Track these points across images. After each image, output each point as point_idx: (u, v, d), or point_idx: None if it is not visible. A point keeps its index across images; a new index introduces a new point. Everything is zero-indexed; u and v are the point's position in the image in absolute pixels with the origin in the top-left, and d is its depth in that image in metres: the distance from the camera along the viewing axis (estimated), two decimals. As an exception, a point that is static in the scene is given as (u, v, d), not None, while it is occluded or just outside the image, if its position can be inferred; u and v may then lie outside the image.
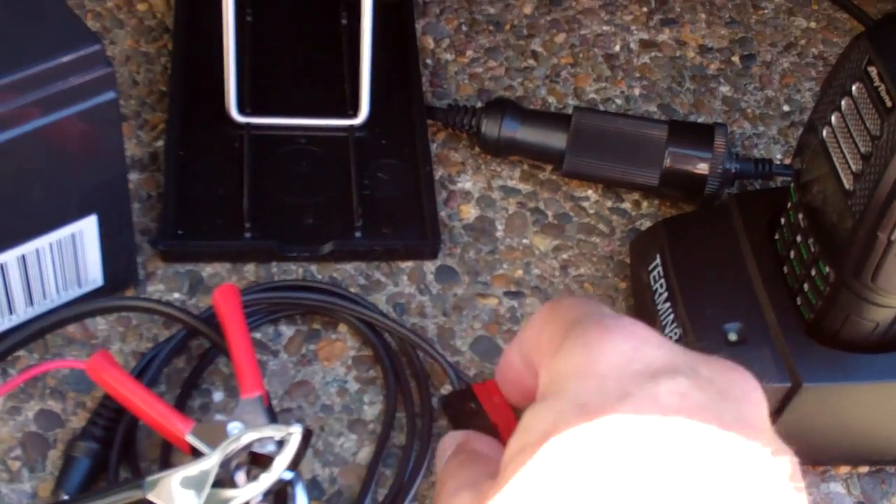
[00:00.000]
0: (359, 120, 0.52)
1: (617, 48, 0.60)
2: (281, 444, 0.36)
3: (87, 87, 0.38)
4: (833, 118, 0.38)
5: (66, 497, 0.38)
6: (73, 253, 0.42)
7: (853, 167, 0.37)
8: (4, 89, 0.36)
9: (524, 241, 0.50)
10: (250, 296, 0.44)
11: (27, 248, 0.40)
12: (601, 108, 0.56)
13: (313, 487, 0.41)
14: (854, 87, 0.37)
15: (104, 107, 0.39)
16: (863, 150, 0.37)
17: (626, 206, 0.52)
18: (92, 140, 0.40)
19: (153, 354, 0.43)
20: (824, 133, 0.39)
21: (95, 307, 0.43)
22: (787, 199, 0.43)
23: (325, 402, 0.44)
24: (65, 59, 0.38)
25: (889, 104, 0.35)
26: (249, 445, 0.36)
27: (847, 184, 0.37)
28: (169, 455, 0.40)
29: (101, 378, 0.39)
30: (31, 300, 0.42)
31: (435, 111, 0.54)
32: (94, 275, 0.44)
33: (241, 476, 0.36)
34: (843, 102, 0.38)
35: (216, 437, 0.37)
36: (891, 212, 0.35)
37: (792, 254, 0.42)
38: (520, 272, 0.49)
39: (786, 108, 0.58)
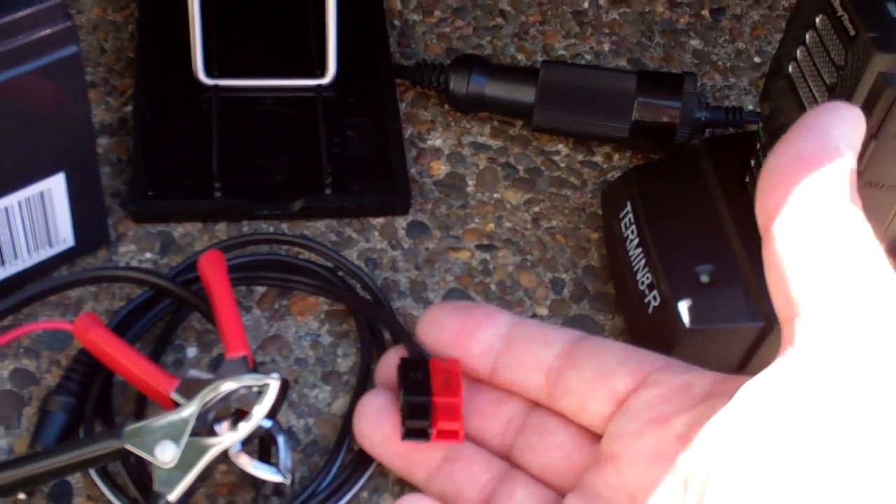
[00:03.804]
0: (326, 80, 0.52)
1: (586, 5, 0.60)
2: (259, 395, 0.36)
3: (48, 41, 0.38)
4: (798, 53, 0.39)
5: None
6: (42, 212, 0.42)
7: (819, 99, 0.37)
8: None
9: (495, 195, 0.50)
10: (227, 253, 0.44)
11: (-6, 206, 0.40)
12: (570, 63, 0.56)
13: (289, 438, 0.41)
14: (818, 20, 0.37)
15: (66, 61, 0.39)
16: (828, 81, 0.37)
17: (598, 158, 0.53)
18: (55, 96, 0.40)
19: (127, 312, 0.42)
20: (790, 69, 0.39)
21: (80, 278, 0.43)
22: (757, 142, 0.43)
23: (298, 356, 0.43)
24: (23, 12, 0.37)
25: (852, 33, 0.35)
26: (228, 396, 0.36)
27: (813, 117, 0.38)
28: (144, 410, 0.40)
29: (87, 338, 0.39)
30: (1, 260, 0.42)
31: (403, 70, 0.54)
32: (64, 234, 0.43)
33: (220, 428, 0.36)
34: (807, 36, 0.38)
35: (198, 392, 0.36)
36: (856, 142, 0.36)
37: (761, 194, 0.42)
38: (491, 226, 0.49)
39: (756, 59, 0.58)
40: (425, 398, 0.36)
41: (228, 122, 0.50)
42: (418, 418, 0.36)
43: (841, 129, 0.30)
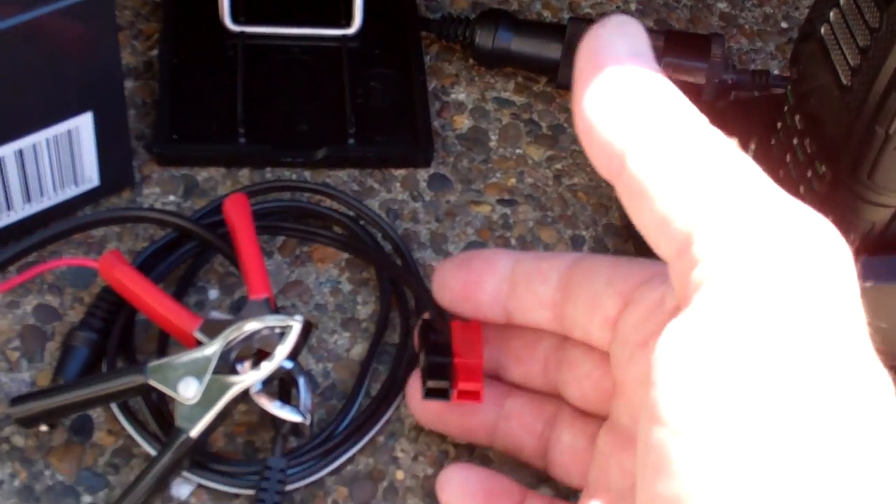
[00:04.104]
0: (352, 30, 0.52)
1: (612, -35, 0.60)
2: (282, 336, 0.37)
3: (81, -21, 0.38)
4: (832, 14, 0.38)
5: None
6: (69, 150, 0.42)
7: (851, 62, 0.37)
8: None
9: (517, 150, 0.51)
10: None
11: (24, 143, 0.40)
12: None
13: (309, 380, 0.41)
14: (852, -19, 0.37)
15: (97, 1, 0.39)
16: (861, 44, 0.37)
17: (621, 118, 0.52)
18: (85, 36, 0.40)
19: (151, 252, 0.43)
20: (822, 30, 0.39)
21: (104, 217, 0.43)
22: (785, 104, 0.43)
23: (318, 301, 0.44)
24: (56, -50, 0.37)
25: (887, -6, 0.35)
26: (251, 337, 0.37)
27: (845, 79, 0.38)
28: (166, 348, 0.41)
29: (112, 276, 0.39)
30: (28, 197, 0.42)
31: (428, 23, 0.54)
32: (90, 174, 0.44)
33: (243, 367, 0.37)
34: (840, -2, 0.38)
35: (221, 332, 0.37)
36: (889, 104, 0.35)
37: (788, 157, 0.42)
38: (513, 181, 0.49)
39: (784, 24, 0.58)
40: (446, 359, 0.37)
41: (254, 69, 0.50)
42: (439, 378, 0.37)
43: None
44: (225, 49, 0.51)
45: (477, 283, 0.37)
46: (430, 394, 0.37)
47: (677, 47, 0.50)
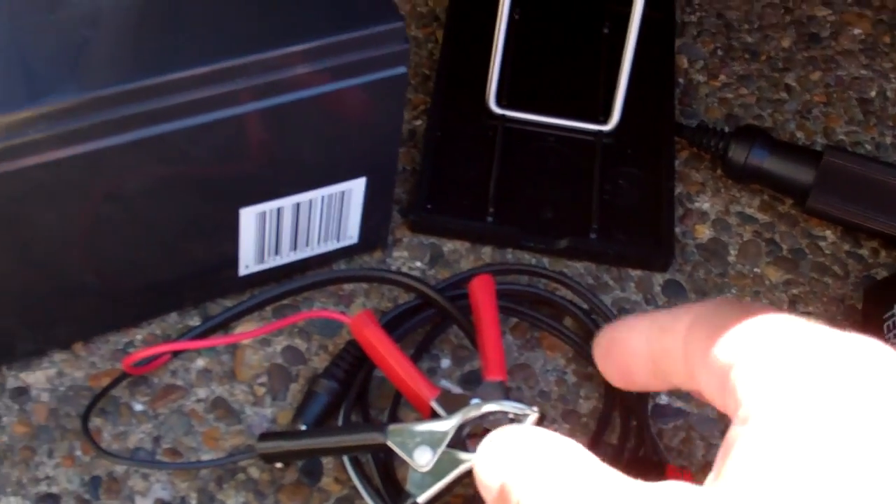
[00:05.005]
0: (608, 126, 0.54)
1: (873, 93, 0.59)
2: (512, 422, 0.38)
3: (381, 60, 0.41)
4: None
5: (303, 427, 0.41)
6: (339, 209, 0.45)
7: None
8: (299, 55, 0.39)
9: (755, 269, 0.51)
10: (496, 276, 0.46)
11: (302, 197, 0.44)
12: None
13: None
14: None
15: (393, 80, 0.42)
16: None
17: (864, 252, 0.52)
18: (375, 110, 0.43)
19: (395, 314, 0.45)
20: None
21: (359, 274, 0.46)
22: None
23: (543, 389, 0.45)
24: (365, 31, 0.40)
25: None
26: (484, 416, 0.39)
27: None
28: (398, 409, 0.43)
29: (362, 334, 0.42)
30: (295, 245, 0.46)
31: (682, 129, 0.55)
32: (351, 231, 0.47)
33: (471, 443, 0.38)
34: None
35: (457, 406, 0.39)
36: None
37: None
38: (747, 299, 0.50)
39: None
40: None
41: (509, 152, 0.53)
42: None
43: None
44: (485, 129, 0.54)
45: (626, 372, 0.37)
46: None
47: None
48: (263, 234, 0.44)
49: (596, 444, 0.43)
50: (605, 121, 0.54)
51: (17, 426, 0.42)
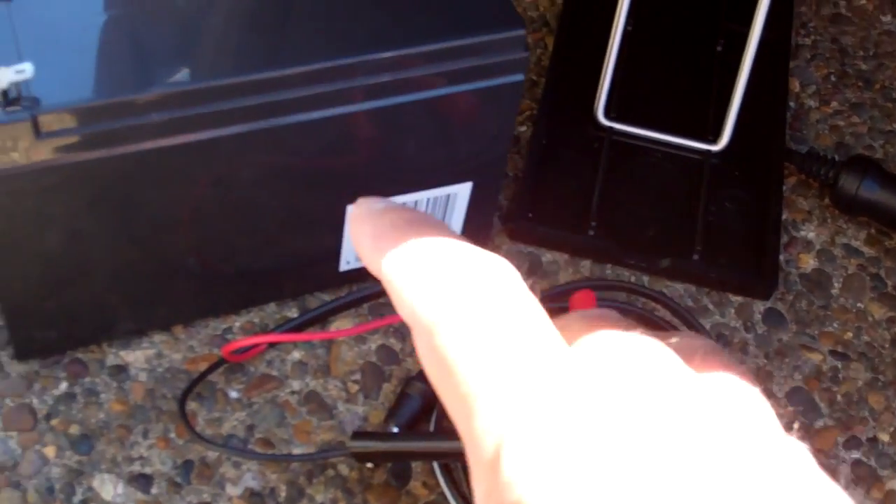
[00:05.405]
0: (718, 147, 0.53)
1: None
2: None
3: (500, 66, 0.41)
4: None
5: (395, 428, 0.41)
6: (443, 211, 0.45)
7: None
8: (418, 57, 0.39)
9: (859, 304, 0.50)
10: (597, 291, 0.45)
11: (409, 198, 0.44)
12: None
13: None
14: None
15: (509, 87, 0.42)
16: None
17: (974, 294, 0.50)
18: (489, 115, 0.43)
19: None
20: None
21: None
22: None
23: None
24: (486, 38, 0.40)
25: None
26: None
27: None
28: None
29: None
30: (396, 245, 0.46)
31: (792, 154, 0.54)
32: (453, 236, 0.47)
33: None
34: None
35: None
36: None
37: None
38: (849, 334, 0.48)
39: None
40: None
41: (614, 165, 0.52)
42: None
43: None
44: (591, 140, 0.53)
45: None
46: None
47: None
48: (367, 231, 0.44)
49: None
50: (714, 140, 0.53)
51: (115, 404, 0.42)
